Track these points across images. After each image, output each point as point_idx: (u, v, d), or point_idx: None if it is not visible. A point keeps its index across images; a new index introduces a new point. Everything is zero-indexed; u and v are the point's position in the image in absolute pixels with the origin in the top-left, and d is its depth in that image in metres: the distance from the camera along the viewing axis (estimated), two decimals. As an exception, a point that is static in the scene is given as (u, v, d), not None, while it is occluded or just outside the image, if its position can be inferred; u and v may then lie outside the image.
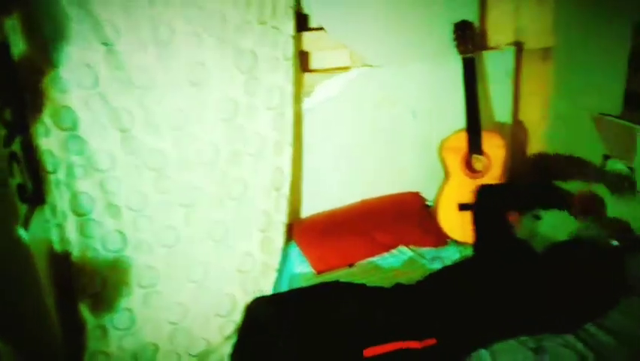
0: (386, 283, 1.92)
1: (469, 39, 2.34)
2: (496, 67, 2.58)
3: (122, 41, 1.97)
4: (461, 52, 2.35)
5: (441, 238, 2.43)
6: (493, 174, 2.40)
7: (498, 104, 2.63)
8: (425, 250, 2.37)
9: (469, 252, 2.28)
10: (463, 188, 2.39)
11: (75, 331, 2.22)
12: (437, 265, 2.19)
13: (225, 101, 2.16)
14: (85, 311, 2.20)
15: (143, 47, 2.01)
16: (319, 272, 2.21)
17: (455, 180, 2.40)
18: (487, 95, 2.59)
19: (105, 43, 1.95)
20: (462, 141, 2.38)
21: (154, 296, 2.29)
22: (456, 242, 2.42)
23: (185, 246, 2.27)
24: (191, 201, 2.24)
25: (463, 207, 2.39)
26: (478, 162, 2.40)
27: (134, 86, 2.04)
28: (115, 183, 2.13)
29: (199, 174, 2.21)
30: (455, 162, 2.39)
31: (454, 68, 2.42)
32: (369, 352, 1.63)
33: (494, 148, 2.39)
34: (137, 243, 2.22)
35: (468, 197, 2.39)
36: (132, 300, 2.27)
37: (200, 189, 2.23)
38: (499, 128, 2.59)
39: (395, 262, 2.28)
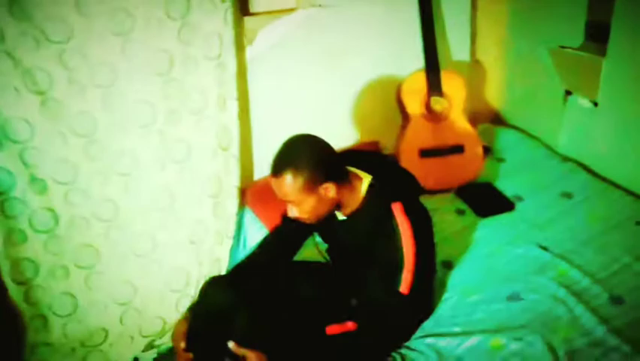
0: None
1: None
2: (452, 5, 2.33)
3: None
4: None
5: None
6: (454, 117, 2.19)
7: (455, 45, 2.41)
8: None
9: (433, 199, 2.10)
10: (424, 133, 2.17)
11: (10, 324, 1.92)
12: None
13: (157, 52, 1.82)
14: (19, 301, 1.90)
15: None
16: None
17: (416, 125, 2.17)
18: (444, 35, 2.35)
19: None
20: (421, 82, 2.15)
21: (96, 277, 1.99)
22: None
23: (127, 218, 1.97)
24: (128, 169, 1.92)
25: (424, 152, 2.18)
26: (437, 104, 2.18)
27: (48, 40, 1.68)
28: (37, 155, 1.79)
29: (135, 137, 1.90)
30: (415, 105, 2.16)
31: (409, 8, 2.15)
32: (331, 330, 1.48)
33: (454, 88, 2.18)
34: (70, 219, 1.91)
35: (429, 142, 2.18)
36: (72, 283, 1.97)
37: (138, 154, 1.92)
38: (457, 69, 2.36)
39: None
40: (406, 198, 1.42)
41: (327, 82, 2.23)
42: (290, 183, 1.36)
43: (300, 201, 1.39)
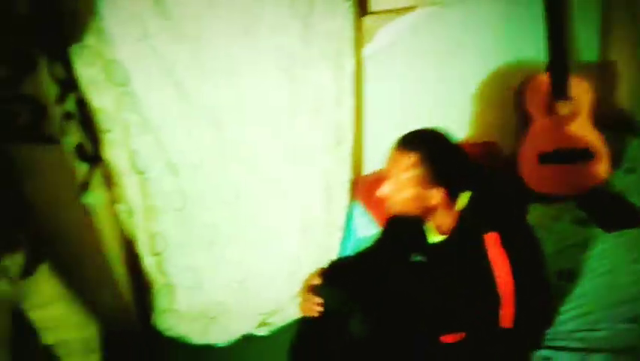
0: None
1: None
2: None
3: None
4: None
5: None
6: (579, 121, 2.00)
7: (582, 43, 2.19)
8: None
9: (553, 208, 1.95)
10: (545, 136, 2.01)
11: (144, 291, 2.12)
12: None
13: (280, 50, 1.88)
14: (152, 270, 2.08)
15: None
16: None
17: (537, 128, 2.02)
18: (570, 33, 2.16)
19: (153, -9, 1.72)
20: (545, 83, 1.99)
21: (217, 254, 2.13)
22: (539, 195, 2.05)
23: (246, 203, 2.08)
24: (248, 157, 2.01)
25: (544, 157, 2.03)
26: (563, 108, 2.01)
27: (184, 36, 1.81)
28: (171, 139, 1.95)
29: (256, 128, 1.98)
30: (537, 107, 2.01)
31: (532, 4, 2.00)
32: (446, 338, 1.36)
33: (580, 91, 1.99)
34: (198, 200, 2.05)
35: (551, 146, 2.03)
36: (196, 258, 2.13)
37: (258, 145, 2.01)
38: (583, 69, 2.15)
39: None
40: (504, 226, 1.24)
41: (442, 80, 2.14)
42: (408, 164, 1.23)
43: (402, 187, 1.25)
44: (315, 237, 2.14)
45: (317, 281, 1.49)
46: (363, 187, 2.11)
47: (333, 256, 2.15)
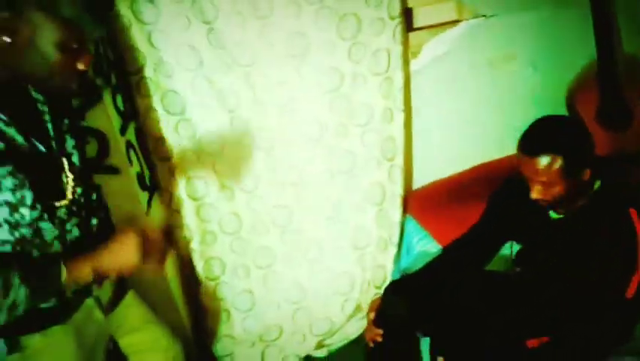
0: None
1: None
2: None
3: (221, 19, 1.78)
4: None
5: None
6: (637, 129, 1.97)
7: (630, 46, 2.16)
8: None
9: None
10: (598, 141, 1.98)
11: (201, 316, 2.12)
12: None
13: (329, 71, 1.91)
14: (207, 296, 2.09)
15: (243, 22, 1.80)
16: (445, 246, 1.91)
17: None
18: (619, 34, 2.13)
19: (206, 22, 1.77)
20: (595, 88, 1.97)
21: (272, 276, 2.13)
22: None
23: (299, 223, 2.09)
24: (300, 179, 2.03)
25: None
26: (613, 120, 1.97)
27: (237, 64, 1.85)
28: (226, 165, 1.97)
29: (306, 149, 2.00)
30: (589, 112, 1.99)
31: (579, 9, 1.99)
32: (532, 343, 1.37)
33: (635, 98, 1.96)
34: (252, 224, 2.07)
35: (605, 150, 1.99)
36: (251, 281, 2.13)
37: (309, 166, 2.02)
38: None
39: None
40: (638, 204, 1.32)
41: (489, 91, 2.15)
42: (546, 164, 1.27)
43: (553, 184, 1.29)
44: (369, 254, 2.13)
45: (376, 308, 1.54)
46: (416, 202, 2.10)
47: (388, 272, 2.14)
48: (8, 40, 0.91)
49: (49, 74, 0.97)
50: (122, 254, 1.06)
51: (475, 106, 2.15)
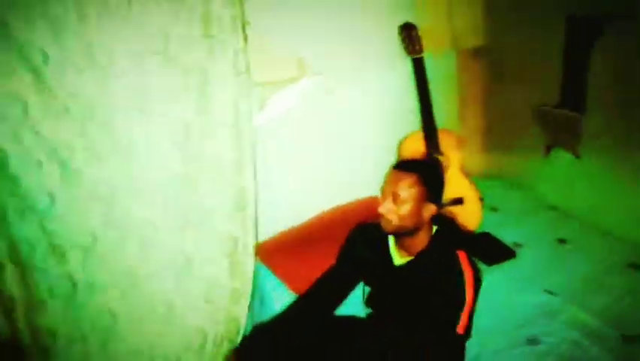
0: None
1: (415, 40, 2.20)
2: (437, 71, 2.46)
3: (52, 67, 1.63)
4: (410, 52, 2.21)
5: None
6: (452, 173, 2.27)
7: (445, 106, 2.52)
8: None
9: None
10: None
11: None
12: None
13: (176, 122, 1.85)
14: None
15: (79, 72, 1.68)
16: (299, 293, 1.94)
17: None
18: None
19: (33, 70, 1.60)
20: (419, 141, 2.23)
21: (114, 342, 1.93)
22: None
23: (145, 281, 1.94)
24: (146, 234, 1.91)
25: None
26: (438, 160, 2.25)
27: (71, 115, 1.70)
28: (57, 223, 1.78)
29: (154, 203, 1.89)
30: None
31: (403, 70, 2.27)
32: None
33: (451, 146, 2.27)
34: (89, 286, 1.87)
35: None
36: (89, 348, 1.91)
37: (156, 221, 1.91)
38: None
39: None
40: (466, 249, 1.49)
41: (329, 142, 2.30)
42: (410, 183, 1.46)
43: (404, 202, 1.46)
44: (222, 306, 2.06)
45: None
46: (269, 250, 2.12)
47: (241, 324, 2.09)
48: None
49: None
50: None
51: (317, 157, 2.27)
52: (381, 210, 1.49)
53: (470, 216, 2.28)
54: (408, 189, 1.46)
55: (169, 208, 1.92)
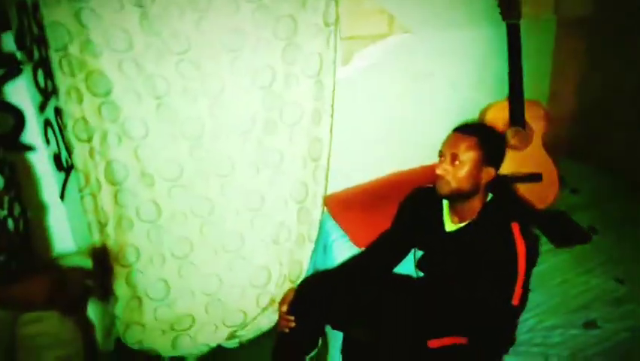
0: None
1: (514, 3, 2.10)
2: (533, 39, 2.34)
3: (156, 6, 1.76)
4: (506, 17, 2.11)
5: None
6: (534, 147, 2.20)
7: (535, 78, 2.41)
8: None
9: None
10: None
11: (111, 304, 2.08)
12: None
13: (263, 68, 1.94)
14: (120, 282, 2.05)
15: (181, 13, 1.80)
16: (361, 247, 2.02)
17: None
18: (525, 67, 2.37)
19: (139, 6, 1.74)
20: (504, 111, 2.17)
21: (188, 267, 2.14)
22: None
23: (220, 216, 2.11)
24: (226, 171, 2.05)
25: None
26: (516, 135, 2.19)
27: (170, 52, 1.83)
28: (149, 152, 1.96)
29: (235, 142, 2.02)
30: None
31: (495, 36, 2.19)
32: (433, 343, 1.49)
33: (536, 119, 2.18)
34: (172, 213, 2.06)
35: (507, 168, 2.20)
36: (166, 271, 2.12)
37: (236, 158, 2.05)
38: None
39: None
40: (522, 221, 1.48)
41: (409, 104, 2.29)
42: (470, 145, 1.48)
43: (463, 164, 1.48)
44: (287, 249, 2.19)
45: (289, 300, 1.65)
46: (337, 203, 2.19)
47: (304, 267, 2.21)
48: None
49: None
50: (29, 298, 1.13)
51: (395, 118, 2.28)
52: (439, 171, 1.50)
53: (542, 193, 2.21)
54: (467, 151, 1.47)
55: (248, 149, 2.04)
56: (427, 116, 2.30)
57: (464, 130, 1.53)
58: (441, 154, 1.54)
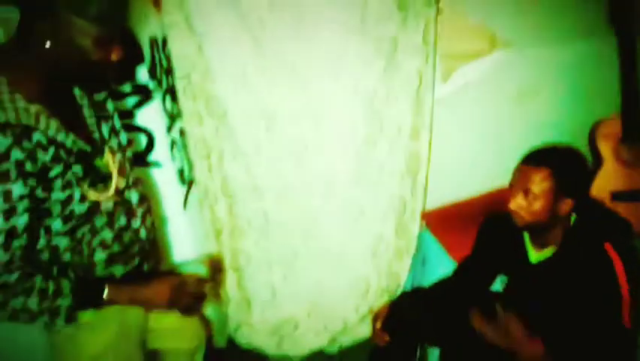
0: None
1: (628, 11, 1.98)
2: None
3: (267, 34, 1.92)
4: (617, 28, 2.00)
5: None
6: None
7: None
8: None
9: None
10: (617, 176, 2.07)
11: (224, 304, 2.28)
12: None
13: (364, 87, 2.03)
14: (232, 285, 2.25)
15: (288, 39, 1.93)
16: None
17: (608, 168, 2.08)
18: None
19: (253, 36, 1.92)
20: (617, 127, 2.05)
21: (293, 274, 2.28)
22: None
23: (323, 226, 2.22)
24: (328, 183, 2.16)
25: (617, 195, 2.07)
26: (630, 151, 2.05)
27: (278, 74, 1.99)
28: (259, 168, 2.13)
29: (336, 157, 2.13)
30: (608, 149, 2.07)
31: (603, 47, 2.08)
32: None
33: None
34: (279, 223, 2.21)
35: (623, 185, 2.08)
36: (273, 276, 2.28)
37: (337, 173, 2.15)
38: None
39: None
40: (615, 237, 1.40)
41: (511, 120, 2.24)
42: (542, 177, 1.37)
43: (536, 198, 1.37)
44: (386, 261, 2.26)
45: (383, 315, 1.67)
46: (435, 218, 2.22)
47: (402, 280, 2.26)
48: (50, 43, 1.04)
49: (87, 66, 1.10)
50: (155, 299, 1.26)
51: (495, 135, 2.24)
52: (512, 206, 1.41)
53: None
54: (539, 184, 1.36)
55: (348, 163, 2.13)
56: (529, 133, 2.22)
57: (535, 161, 1.41)
58: (511, 187, 1.44)
